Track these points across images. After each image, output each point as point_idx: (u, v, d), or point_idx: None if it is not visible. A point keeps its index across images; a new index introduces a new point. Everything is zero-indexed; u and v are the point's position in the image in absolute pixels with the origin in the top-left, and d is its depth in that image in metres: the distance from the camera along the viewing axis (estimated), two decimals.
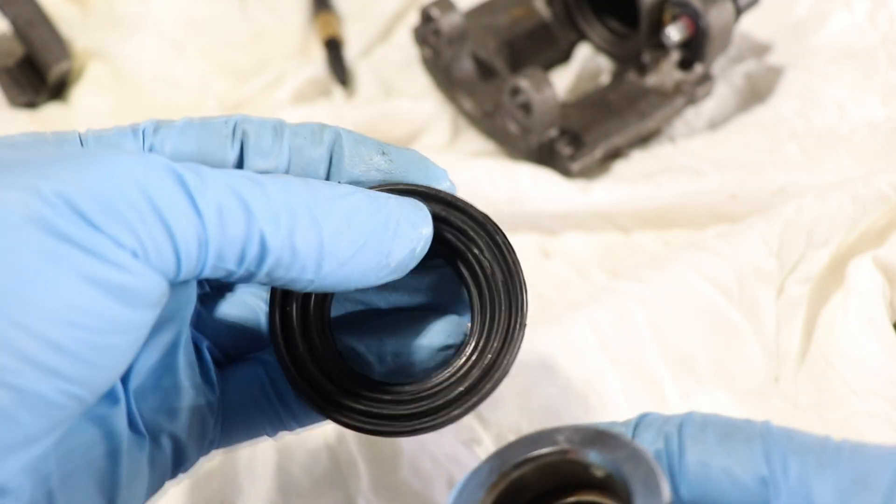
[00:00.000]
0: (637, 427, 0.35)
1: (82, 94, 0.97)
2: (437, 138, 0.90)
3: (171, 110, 0.94)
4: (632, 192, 0.79)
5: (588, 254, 0.79)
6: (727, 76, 0.92)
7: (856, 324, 0.66)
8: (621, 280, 0.71)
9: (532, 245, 0.80)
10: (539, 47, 0.94)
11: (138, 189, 0.31)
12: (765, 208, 0.74)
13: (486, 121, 0.87)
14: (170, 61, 0.98)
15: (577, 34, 0.94)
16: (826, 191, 0.72)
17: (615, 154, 0.87)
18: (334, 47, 0.98)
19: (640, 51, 0.87)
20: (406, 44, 0.97)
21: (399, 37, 1.02)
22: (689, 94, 0.86)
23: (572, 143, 0.83)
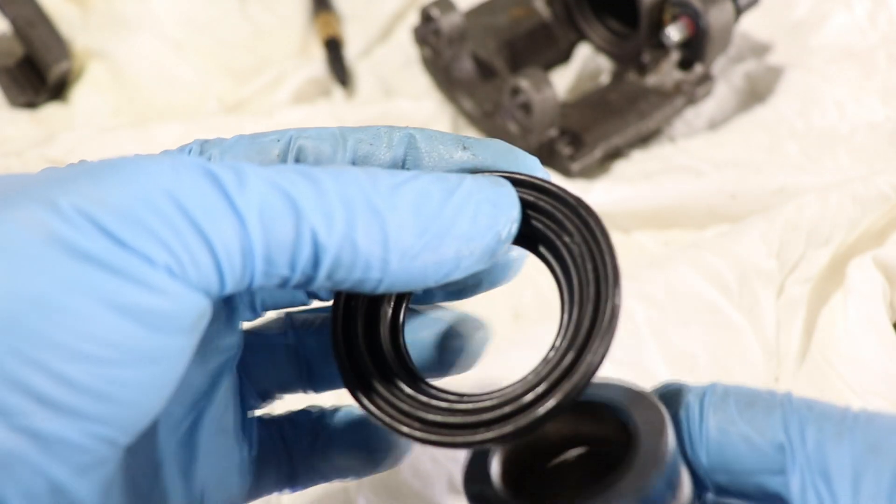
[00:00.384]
0: (660, 395, 0.35)
1: (82, 94, 0.97)
2: None
3: (171, 110, 0.94)
4: (632, 192, 0.79)
5: None
6: (727, 76, 0.92)
7: (856, 324, 0.66)
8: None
9: None
10: (539, 47, 0.94)
11: (167, 195, 0.28)
12: (765, 208, 0.74)
13: (486, 121, 0.87)
14: (170, 61, 0.98)
15: (577, 34, 0.94)
16: (826, 191, 0.72)
17: (615, 154, 0.87)
18: (334, 47, 0.98)
19: (640, 51, 0.87)
20: (406, 44, 0.97)
21: (399, 37, 1.02)
22: (689, 94, 0.86)
23: (572, 143, 0.83)
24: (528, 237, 0.36)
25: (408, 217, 0.31)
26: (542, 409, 0.32)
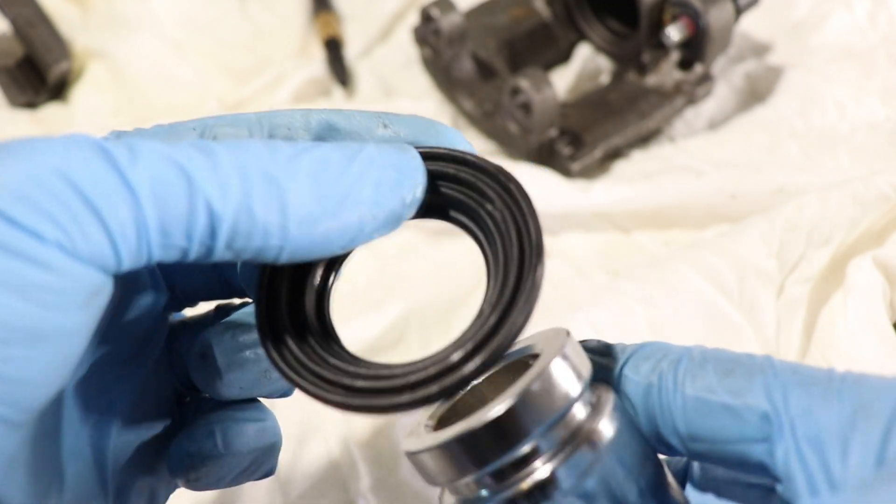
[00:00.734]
0: (633, 356, 0.34)
1: (82, 94, 0.97)
2: None
3: (171, 110, 0.94)
4: (632, 192, 0.79)
5: (588, 254, 0.79)
6: (727, 76, 0.92)
7: (856, 324, 0.66)
8: (621, 280, 0.71)
9: None
10: (539, 47, 0.94)
11: (57, 173, 0.28)
12: (765, 208, 0.74)
13: (486, 121, 0.87)
14: (170, 61, 0.98)
15: (577, 34, 0.94)
16: (826, 191, 0.72)
17: (615, 154, 0.87)
18: (334, 47, 0.98)
19: (640, 51, 0.87)
20: (406, 44, 0.97)
21: (399, 37, 1.02)
22: (689, 94, 0.86)
23: (572, 143, 0.83)
24: (441, 207, 0.36)
25: (306, 183, 0.31)
26: (469, 367, 0.32)
